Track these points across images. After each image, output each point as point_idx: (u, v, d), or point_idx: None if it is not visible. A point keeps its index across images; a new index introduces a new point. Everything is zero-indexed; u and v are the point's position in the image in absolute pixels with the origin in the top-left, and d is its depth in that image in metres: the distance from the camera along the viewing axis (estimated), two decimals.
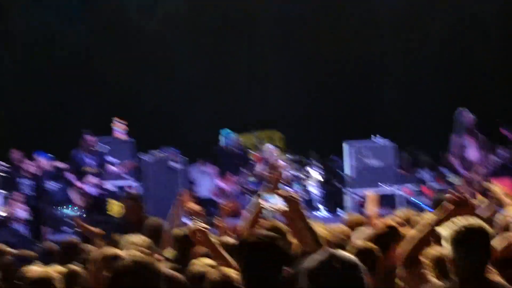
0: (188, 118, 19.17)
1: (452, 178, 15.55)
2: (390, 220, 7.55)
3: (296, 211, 4.89)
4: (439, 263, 4.85)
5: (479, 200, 8.95)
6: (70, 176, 15.09)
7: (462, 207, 5.11)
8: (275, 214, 5.71)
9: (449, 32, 19.60)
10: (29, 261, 7.62)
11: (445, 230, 4.48)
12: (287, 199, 4.92)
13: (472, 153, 14.47)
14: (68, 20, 19.13)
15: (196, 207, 7.98)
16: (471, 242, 4.29)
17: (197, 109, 19.32)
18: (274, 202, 5.06)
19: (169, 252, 6.80)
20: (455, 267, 4.35)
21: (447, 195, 5.29)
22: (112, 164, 15.20)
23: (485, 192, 13.96)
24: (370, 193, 9.07)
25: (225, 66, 19.46)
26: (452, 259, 4.37)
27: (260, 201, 5.41)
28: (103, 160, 15.21)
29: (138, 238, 6.40)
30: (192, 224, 6.86)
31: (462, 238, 4.30)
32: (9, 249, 8.21)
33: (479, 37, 19.37)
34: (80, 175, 14.96)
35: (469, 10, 19.22)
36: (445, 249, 4.42)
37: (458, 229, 4.35)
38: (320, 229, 5.30)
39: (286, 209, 4.90)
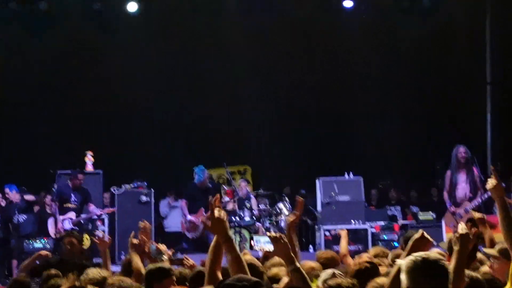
0: (160, 153, 19.13)
1: (424, 216, 15.60)
2: (366, 256, 7.54)
3: (284, 253, 4.94)
4: None
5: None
6: (55, 209, 15.01)
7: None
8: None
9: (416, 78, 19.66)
10: None
11: (403, 262, 4.44)
12: (276, 239, 4.95)
13: (461, 189, 14.54)
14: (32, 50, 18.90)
15: (161, 246, 7.90)
16: (426, 272, 4.19)
17: (169, 144, 19.28)
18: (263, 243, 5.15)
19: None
20: None
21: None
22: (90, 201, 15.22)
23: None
24: (342, 230, 9.09)
25: (197, 102, 19.40)
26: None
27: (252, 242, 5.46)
28: (87, 198, 15.21)
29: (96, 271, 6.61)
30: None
31: (417, 268, 4.21)
32: None
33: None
34: (62, 210, 14.87)
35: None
36: (403, 280, 4.35)
37: (414, 259, 4.28)
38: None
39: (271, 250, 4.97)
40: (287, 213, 15.56)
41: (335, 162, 18.12)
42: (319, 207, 16.21)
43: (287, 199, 16.16)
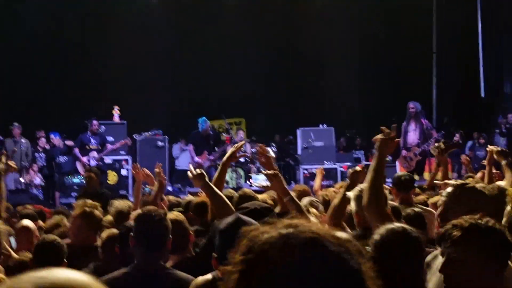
0: (173, 107, 19.21)
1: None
2: (331, 189, 7.72)
3: (279, 187, 4.88)
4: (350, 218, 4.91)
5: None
6: (77, 152, 15.09)
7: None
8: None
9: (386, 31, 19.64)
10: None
11: (352, 193, 4.64)
12: (271, 176, 4.85)
13: (412, 136, 14.52)
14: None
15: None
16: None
17: (180, 100, 19.37)
18: (260, 180, 5.18)
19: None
20: (357, 219, 4.50)
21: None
22: (110, 143, 15.25)
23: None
24: (318, 169, 9.19)
25: (202, 67, 19.45)
26: (355, 212, 4.50)
27: (250, 180, 5.45)
28: (104, 140, 15.23)
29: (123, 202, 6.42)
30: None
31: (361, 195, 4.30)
32: None
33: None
34: (85, 151, 14.98)
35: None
36: (352, 206, 4.56)
37: (359, 189, 4.47)
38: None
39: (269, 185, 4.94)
40: (273, 155, 15.76)
41: (312, 115, 18.21)
42: (299, 151, 16.39)
43: (273, 144, 16.35)
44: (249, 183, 14.54)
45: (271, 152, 15.26)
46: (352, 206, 4.55)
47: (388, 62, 19.67)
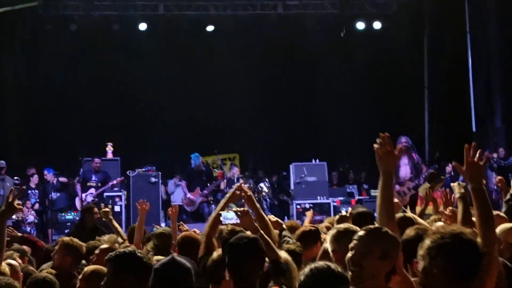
0: (165, 144, 19.10)
1: (375, 192, 15.62)
2: (323, 225, 7.61)
3: (249, 223, 4.91)
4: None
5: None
6: (78, 188, 15.10)
7: None
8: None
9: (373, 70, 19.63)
10: None
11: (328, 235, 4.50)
12: (241, 214, 4.96)
13: (404, 170, 14.37)
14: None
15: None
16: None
17: (172, 137, 19.26)
18: (231, 218, 5.14)
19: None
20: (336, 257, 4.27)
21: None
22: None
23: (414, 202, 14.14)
24: (309, 211, 9.29)
25: (194, 104, 19.39)
26: (332, 251, 4.31)
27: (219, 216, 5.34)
28: (107, 178, 15.23)
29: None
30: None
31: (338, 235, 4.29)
32: None
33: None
34: (85, 188, 14.91)
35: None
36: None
37: (337, 229, 4.40)
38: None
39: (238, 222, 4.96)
40: (266, 190, 15.64)
41: (305, 151, 18.13)
42: (292, 186, 16.27)
43: (266, 179, 16.24)
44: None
45: (265, 187, 15.22)
46: (328, 246, 4.40)
47: (380, 96, 19.63)
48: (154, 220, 13.50)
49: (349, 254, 3.51)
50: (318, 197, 15.49)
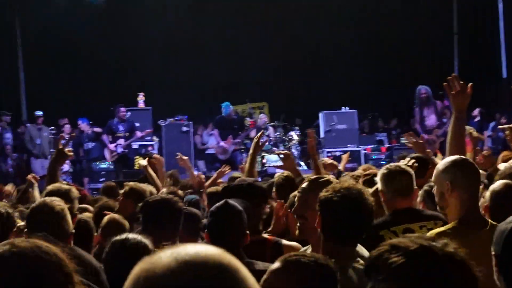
0: (197, 92, 19.00)
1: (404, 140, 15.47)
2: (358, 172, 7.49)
3: (291, 167, 5.05)
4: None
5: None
6: (105, 139, 14.97)
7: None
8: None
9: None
10: None
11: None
12: (284, 157, 5.11)
13: (430, 120, 14.26)
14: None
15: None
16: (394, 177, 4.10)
17: (204, 87, 19.12)
18: (275, 160, 5.26)
19: None
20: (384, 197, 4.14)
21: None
22: (137, 129, 15.16)
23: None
24: (346, 154, 9.19)
25: (229, 57, 19.18)
26: (381, 191, 4.17)
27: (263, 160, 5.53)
28: (133, 127, 15.11)
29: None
30: None
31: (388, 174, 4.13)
32: None
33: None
34: (113, 139, 14.87)
35: None
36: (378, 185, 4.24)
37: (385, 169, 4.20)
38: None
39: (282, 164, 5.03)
40: (297, 138, 15.50)
41: (335, 98, 17.93)
42: (322, 134, 16.12)
43: (297, 128, 16.08)
44: (261, 164, 14.23)
45: (295, 135, 15.12)
46: (378, 185, 4.25)
47: (409, 45, 19.28)
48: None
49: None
50: (348, 145, 15.34)
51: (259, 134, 6.24)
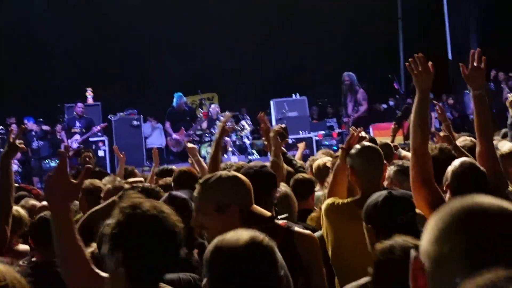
0: (146, 85, 18.62)
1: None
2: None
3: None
4: None
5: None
6: (63, 135, 14.64)
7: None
8: None
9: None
10: None
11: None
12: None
13: (349, 107, 14.60)
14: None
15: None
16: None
17: (154, 78, 18.72)
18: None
19: None
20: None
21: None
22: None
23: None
24: (302, 143, 9.09)
25: (177, 45, 18.81)
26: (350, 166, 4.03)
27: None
28: (90, 123, 14.66)
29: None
30: None
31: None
32: None
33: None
34: (69, 134, 14.45)
35: None
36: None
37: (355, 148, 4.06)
38: None
39: None
40: (248, 128, 15.27)
41: (285, 86, 17.75)
42: (274, 123, 15.90)
43: (248, 117, 15.84)
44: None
45: (246, 125, 14.85)
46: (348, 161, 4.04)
47: (354, 30, 19.25)
48: (138, 163, 13.19)
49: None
50: (300, 132, 15.20)
51: (225, 118, 6.04)
